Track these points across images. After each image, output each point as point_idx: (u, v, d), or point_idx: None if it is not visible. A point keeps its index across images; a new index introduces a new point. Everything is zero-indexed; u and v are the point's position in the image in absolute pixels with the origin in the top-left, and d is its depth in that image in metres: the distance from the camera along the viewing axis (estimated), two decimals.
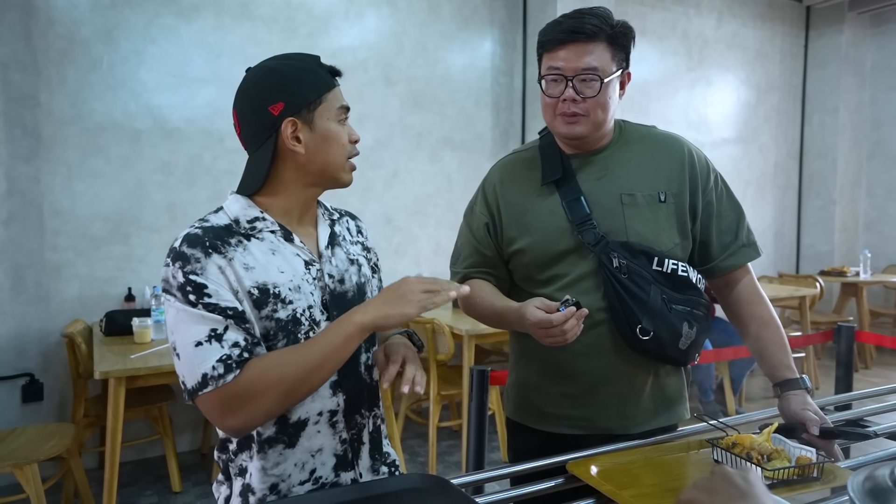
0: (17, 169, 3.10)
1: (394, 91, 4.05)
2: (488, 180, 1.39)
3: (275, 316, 0.98)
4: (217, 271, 0.94)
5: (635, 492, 1.00)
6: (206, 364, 0.91)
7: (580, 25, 1.18)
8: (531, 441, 1.36)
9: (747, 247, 1.34)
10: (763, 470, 1.01)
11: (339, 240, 1.13)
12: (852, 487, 0.76)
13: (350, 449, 1.07)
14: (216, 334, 0.92)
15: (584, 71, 1.18)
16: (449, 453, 3.48)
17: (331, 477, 1.05)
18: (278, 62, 1.03)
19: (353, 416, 1.07)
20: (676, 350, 1.24)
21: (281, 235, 1.04)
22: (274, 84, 1.00)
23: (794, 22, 5.82)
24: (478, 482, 1.12)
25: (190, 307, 0.93)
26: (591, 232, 1.22)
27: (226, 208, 1.04)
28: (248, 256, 0.98)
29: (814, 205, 5.92)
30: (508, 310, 1.23)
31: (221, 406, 0.92)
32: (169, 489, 3.05)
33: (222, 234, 0.98)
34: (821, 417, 1.17)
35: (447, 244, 4.33)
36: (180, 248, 0.95)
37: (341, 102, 1.05)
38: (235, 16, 3.55)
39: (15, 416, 3.15)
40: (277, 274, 1.00)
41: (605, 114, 1.23)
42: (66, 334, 2.94)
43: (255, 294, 0.97)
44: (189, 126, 3.46)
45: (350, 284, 1.09)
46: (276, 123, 1.00)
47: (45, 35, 3.13)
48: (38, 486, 2.34)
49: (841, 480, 1.02)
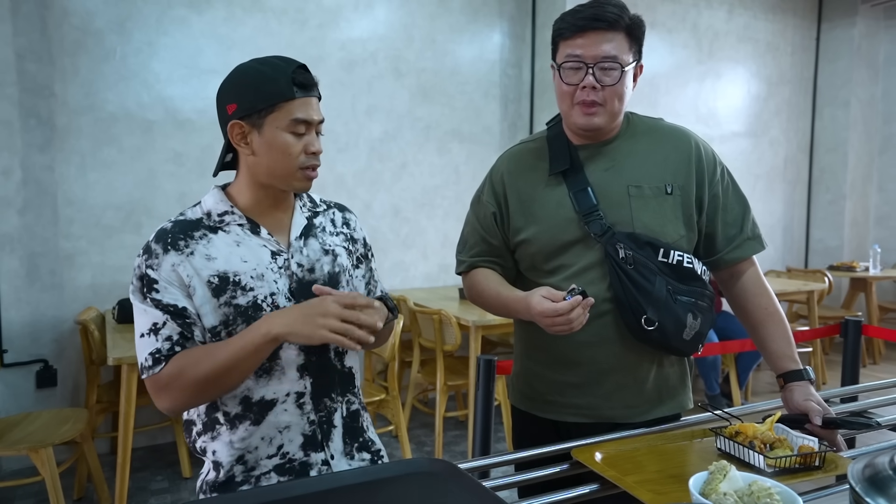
0: (31, 158, 3.15)
1: (403, 83, 4.06)
2: (496, 170, 1.40)
3: (233, 302, 1.06)
4: (170, 268, 1.05)
5: (639, 478, 1.01)
6: (142, 355, 1.05)
7: (601, 13, 1.18)
8: (535, 429, 1.37)
9: (752, 240, 1.35)
10: (766, 458, 1.02)
11: (317, 231, 1.18)
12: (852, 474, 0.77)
13: (319, 430, 1.12)
14: (155, 328, 1.04)
15: (604, 59, 1.18)
16: (455, 443, 3.52)
17: (299, 455, 1.10)
18: (253, 64, 1.08)
19: (321, 399, 1.12)
20: (680, 340, 1.24)
21: (248, 228, 1.11)
22: (235, 84, 1.07)
23: (805, 14, 5.77)
24: (483, 468, 1.13)
25: (141, 297, 1.06)
26: (598, 222, 1.23)
27: (202, 202, 1.13)
28: (211, 248, 1.08)
29: (824, 199, 5.88)
30: (514, 299, 1.24)
31: (153, 390, 1.05)
32: (179, 475, 3.10)
33: (188, 229, 1.08)
34: (824, 408, 1.18)
35: (455, 236, 4.32)
36: (150, 241, 1.08)
37: (296, 115, 1.06)
38: (246, 7, 3.57)
39: (29, 401, 3.22)
40: (240, 263, 1.08)
41: (622, 104, 1.24)
42: (79, 321, 2.99)
43: (214, 282, 1.06)
44: (200, 117, 3.49)
45: (321, 273, 1.14)
46: (228, 121, 1.08)
47: (60, 26, 3.16)
48: (53, 468, 2.39)
49: (843, 469, 1.02)
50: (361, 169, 3.99)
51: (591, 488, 1.05)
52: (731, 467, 0.88)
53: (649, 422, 1.30)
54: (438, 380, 3.30)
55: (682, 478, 0.91)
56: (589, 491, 1.05)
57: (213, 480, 1.10)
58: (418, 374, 3.53)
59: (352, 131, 3.91)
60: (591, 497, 1.05)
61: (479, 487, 0.90)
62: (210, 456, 1.11)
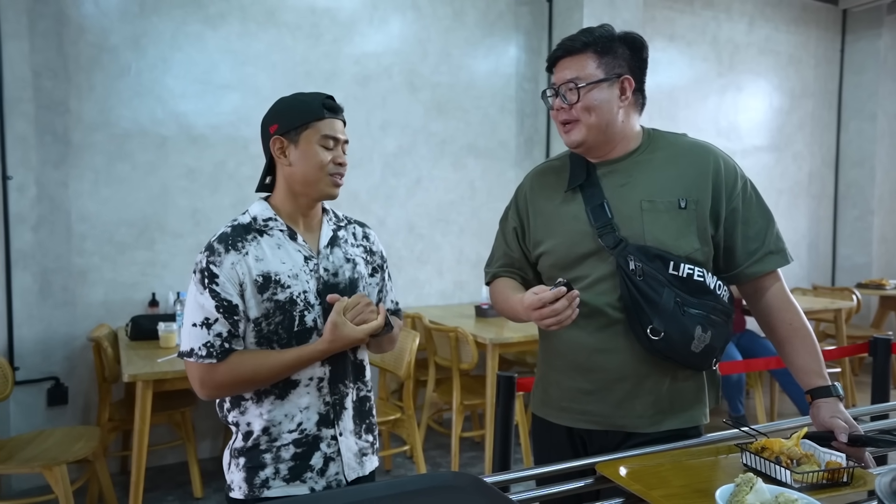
0: (46, 174, 3.15)
1: (417, 97, 4.03)
2: (521, 188, 1.51)
3: (274, 298, 1.27)
4: (230, 266, 1.25)
5: (665, 492, 1.02)
6: (193, 342, 1.25)
7: (570, 42, 1.33)
8: (550, 435, 1.43)
9: (775, 254, 1.35)
10: (792, 473, 1.03)
11: (340, 242, 1.40)
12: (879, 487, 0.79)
13: (332, 411, 1.33)
14: (207, 323, 1.24)
15: (567, 81, 1.32)
16: (471, 464, 3.43)
17: (314, 430, 1.31)
18: (291, 96, 1.35)
19: (336, 384, 1.34)
20: (688, 352, 1.27)
21: (287, 235, 1.33)
22: (276, 110, 1.34)
23: (829, 26, 5.67)
24: (506, 482, 1.14)
25: (201, 288, 1.25)
26: (611, 235, 1.29)
27: (250, 210, 1.35)
28: (260, 250, 1.29)
29: (850, 215, 5.74)
30: (516, 301, 1.32)
31: (201, 379, 1.25)
32: (190, 495, 3.05)
33: (243, 232, 1.30)
34: (851, 425, 1.19)
35: (470, 252, 4.30)
36: (212, 242, 1.28)
37: (327, 132, 1.30)
38: (261, 23, 3.57)
39: (40, 419, 3.19)
40: (279, 264, 1.29)
41: (596, 117, 1.31)
42: (92, 338, 2.97)
43: (260, 281, 1.26)
44: (214, 133, 3.48)
45: (343, 278, 1.36)
46: (270, 138, 1.32)
47: (76, 43, 3.18)
48: (66, 486, 2.39)
49: (871, 486, 1.02)
50: (376, 184, 3.95)
51: (616, 502, 1.06)
52: (757, 480, 0.89)
53: (662, 433, 1.32)
54: (455, 399, 3.22)
55: (708, 492, 0.93)
56: None
57: (241, 447, 1.30)
58: (434, 394, 3.46)
59: (366, 146, 3.87)
60: None
61: (506, 500, 0.92)
62: (243, 427, 1.30)
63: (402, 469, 3.42)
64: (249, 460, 1.29)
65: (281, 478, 1.28)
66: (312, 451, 1.30)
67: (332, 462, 1.32)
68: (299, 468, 1.29)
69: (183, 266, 3.40)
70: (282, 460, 1.28)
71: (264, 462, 1.28)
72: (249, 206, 1.36)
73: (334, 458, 1.32)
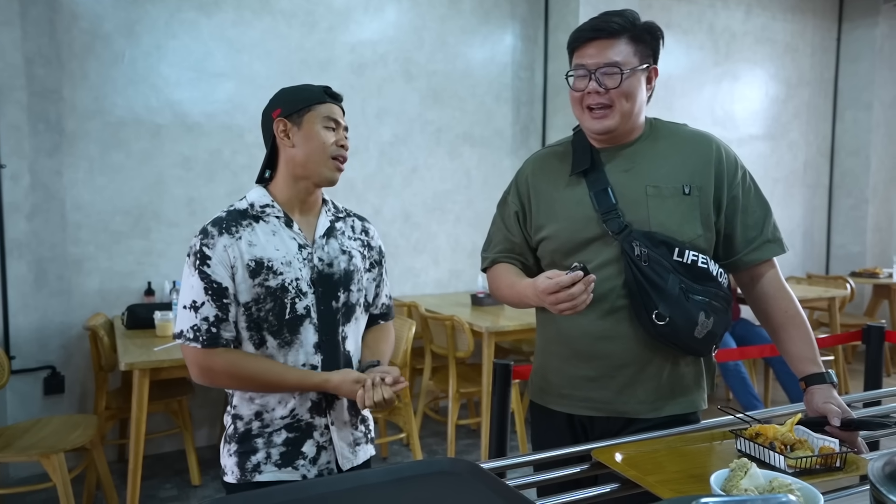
0: (40, 163, 3.13)
1: (413, 86, 4.02)
2: (521, 172, 1.48)
3: (265, 284, 1.28)
4: (222, 249, 1.27)
5: (660, 477, 1.03)
6: (183, 324, 1.28)
7: (605, 24, 1.28)
8: (550, 422, 1.43)
9: (772, 242, 1.37)
10: (786, 459, 1.04)
11: (337, 233, 1.40)
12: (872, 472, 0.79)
13: (325, 399, 1.33)
14: (195, 306, 1.26)
15: (605, 65, 1.27)
16: (467, 451, 3.45)
17: (306, 417, 1.32)
18: (292, 86, 1.38)
19: None
20: (692, 338, 1.27)
21: (283, 222, 1.33)
22: (279, 98, 1.36)
23: (826, 14, 5.65)
24: (503, 468, 1.14)
25: (192, 270, 1.27)
26: (616, 221, 1.29)
27: (248, 196, 1.36)
28: (254, 235, 1.30)
29: (845, 204, 5.75)
30: (524, 285, 1.31)
31: (195, 364, 1.27)
32: (188, 483, 3.06)
33: (238, 217, 1.31)
34: (844, 410, 1.20)
35: (466, 241, 4.30)
36: (207, 225, 1.30)
37: (330, 115, 1.33)
38: (255, 10, 3.54)
39: (37, 408, 3.19)
40: (273, 251, 1.30)
41: (631, 104, 1.29)
42: (88, 327, 2.96)
43: (252, 265, 1.27)
44: (209, 121, 3.46)
45: (337, 269, 1.36)
46: (273, 122, 1.33)
47: (69, 30, 3.15)
48: (64, 474, 2.39)
49: (864, 470, 1.02)
50: (371, 173, 3.94)
51: (612, 487, 1.08)
52: (752, 465, 0.91)
53: (662, 418, 1.33)
54: (451, 387, 3.24)
55: (703, 477, 0.93)
56: (609, 490, 1.08)
57: (234, 431, 1.32)
58: (430, 382, 3.48)
59: (361, 135, 3.86)
60: (611, 497, 1.08)
61: (503, 486, 0.92)
62: (236, 412, 1.32)
63: (399, 456, 3.44)
64: (242, 445, 1.31)
65: (273, 463, 1.29)
66: (305, 438, 1.31)
67: (323, 451, 1.33)
68: (291, 454, 1.30)
69: (178, 255, 3.39)
70: (273, 445, 1.30)
71: (256, 447, 1.30)
72: (245, 193, 1.37)
73: (326, 448, 1.33)
